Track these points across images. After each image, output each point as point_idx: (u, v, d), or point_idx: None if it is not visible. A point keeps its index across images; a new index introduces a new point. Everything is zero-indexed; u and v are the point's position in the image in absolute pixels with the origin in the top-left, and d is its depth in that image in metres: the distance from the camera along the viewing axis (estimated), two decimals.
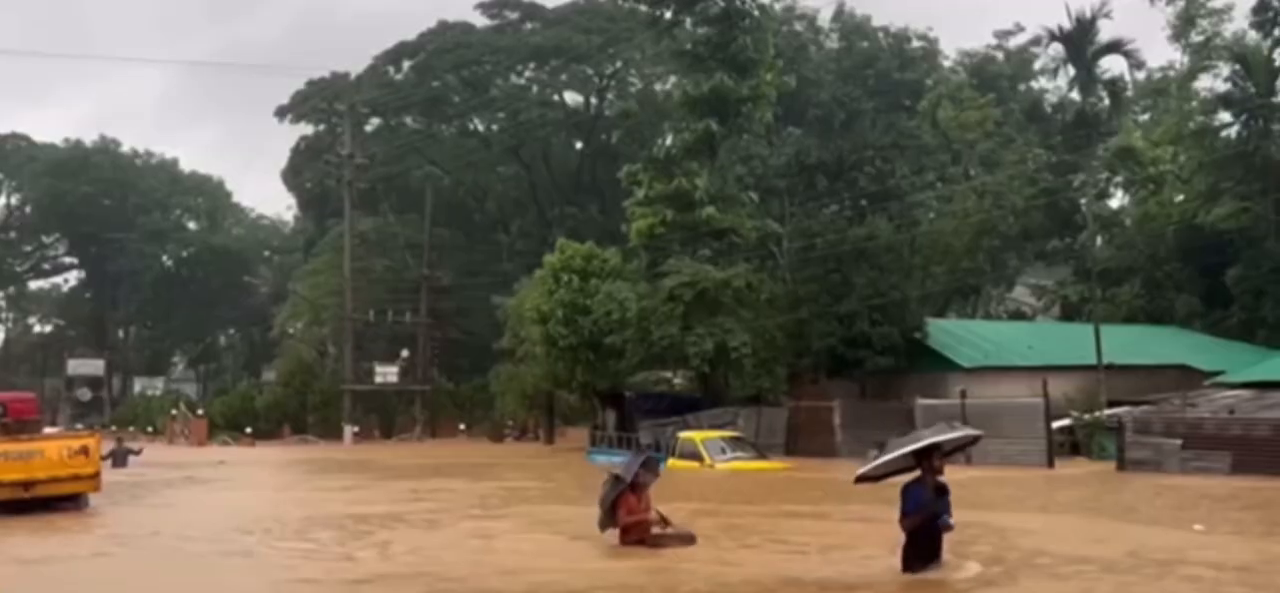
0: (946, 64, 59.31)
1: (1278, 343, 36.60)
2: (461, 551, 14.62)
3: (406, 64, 64.61)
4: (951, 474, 11.30)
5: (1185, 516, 16.99)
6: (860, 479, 11.47)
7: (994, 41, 59.55)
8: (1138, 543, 13.85)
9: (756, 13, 40.21)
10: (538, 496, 23.22)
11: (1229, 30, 47.91)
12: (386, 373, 56.71)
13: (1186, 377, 33.98)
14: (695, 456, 29.58)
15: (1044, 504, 19.77)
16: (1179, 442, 25.85)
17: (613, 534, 14.00)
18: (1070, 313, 45.89)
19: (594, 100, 64.88)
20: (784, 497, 21.54)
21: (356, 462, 37.22)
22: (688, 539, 13.91)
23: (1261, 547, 13.84)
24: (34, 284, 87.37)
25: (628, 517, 13.84)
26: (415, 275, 59.71)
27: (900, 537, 11.02)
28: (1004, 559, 12.48)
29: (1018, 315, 52.45)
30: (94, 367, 73.49)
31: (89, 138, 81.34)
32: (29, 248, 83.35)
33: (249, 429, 54.28)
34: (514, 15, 63.96)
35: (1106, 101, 42.16)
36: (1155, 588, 11.18)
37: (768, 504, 20.12)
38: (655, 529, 13.87)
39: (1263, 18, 42.02)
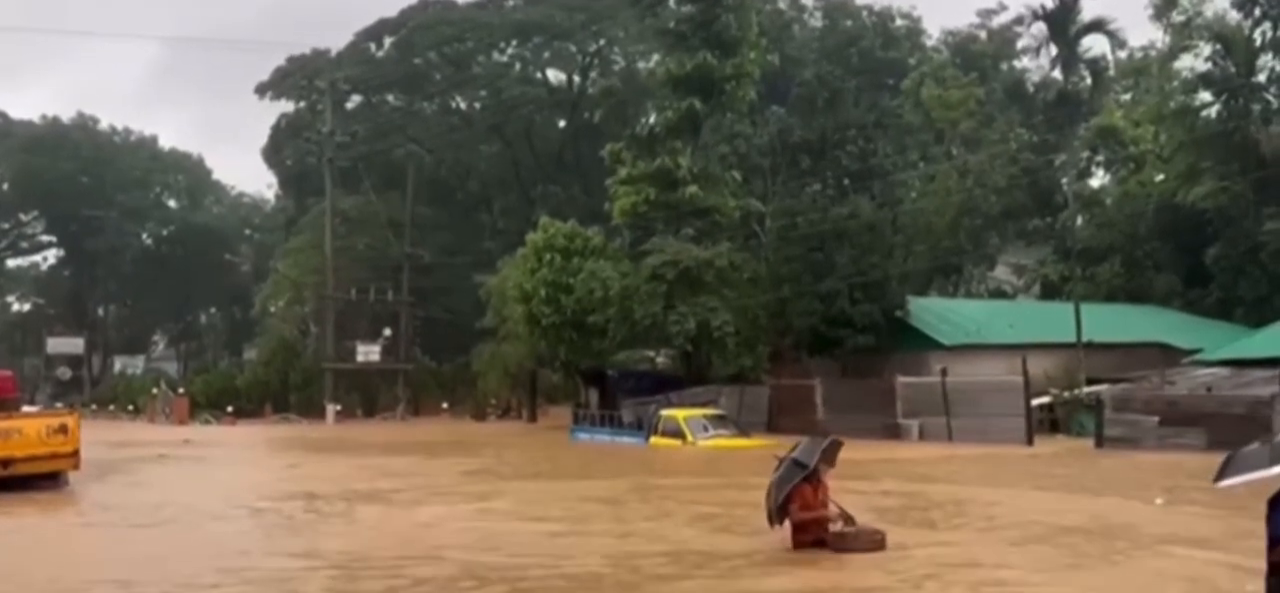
0: (929, 43, 59.36)
1: (1255, 322, 36.89)
2: (398, 530, 14.54)
3: (387, 41, 64.21)
4: (931, 452, 11.24)
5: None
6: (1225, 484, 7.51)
7: (977, 21, 59.67)
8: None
9: None
10: (507, 473, 23.32)
11: (1210, 10, 48.07)
12: (368, 352, 56.53)
13: (1165, 355, 34.29)
14: (677, 434, 29.80)
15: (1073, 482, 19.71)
16: (1156, 419, 26.11)
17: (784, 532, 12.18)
18: (1051, 292, 46.12)
19: (577, 78, 64.60)
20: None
21: (334, 440, 37.12)
22: (876, 540, 12.01)
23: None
24: (12, 262, 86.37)
25: (802, 512, 11.93)
26: (397, 254, 59.47)
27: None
28: None
29: (999, 294, 52.64)
30: (73, 345, 72.81)
31: (67, 115, 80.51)
32: (7, 226, 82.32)
33: (231, 408, 54.09)
34: None
35: (1088, 81, 42.24)
36: None
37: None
38: (835, 528, 12.04)
39: None
